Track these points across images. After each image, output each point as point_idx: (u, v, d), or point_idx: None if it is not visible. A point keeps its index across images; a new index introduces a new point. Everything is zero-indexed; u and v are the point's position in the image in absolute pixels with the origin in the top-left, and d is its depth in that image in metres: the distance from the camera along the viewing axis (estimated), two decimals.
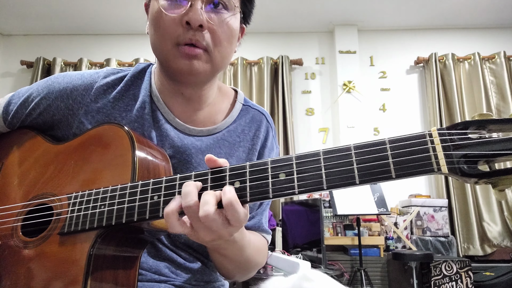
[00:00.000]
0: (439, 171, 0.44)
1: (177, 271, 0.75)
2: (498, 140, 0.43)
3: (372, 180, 0.47)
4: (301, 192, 0.49)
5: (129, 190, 0.58)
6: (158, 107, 0.77)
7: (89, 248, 0.57)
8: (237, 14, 0.72)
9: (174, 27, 0.67)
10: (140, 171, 0.62)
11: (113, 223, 0.58)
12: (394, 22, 3.96)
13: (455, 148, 0.44)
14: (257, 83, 3.89)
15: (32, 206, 0.68)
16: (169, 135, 0.75)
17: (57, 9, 3.70)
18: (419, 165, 0.45)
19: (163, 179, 0.57)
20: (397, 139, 0.47)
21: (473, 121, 0.45)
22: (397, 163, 0.46)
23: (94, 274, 0.57)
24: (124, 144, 0.64)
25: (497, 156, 0.42)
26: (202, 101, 0.79)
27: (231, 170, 0.54)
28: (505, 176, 0.42)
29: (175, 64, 0.69)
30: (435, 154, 0.44)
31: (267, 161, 0.52)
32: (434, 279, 2.69)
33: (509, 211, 3.45)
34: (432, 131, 0.46)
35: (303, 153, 0.51)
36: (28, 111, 0.77)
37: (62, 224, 0.62)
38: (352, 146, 0.49)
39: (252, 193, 0.52)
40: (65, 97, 0.75)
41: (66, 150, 0.71)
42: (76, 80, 0.77)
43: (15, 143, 0.79)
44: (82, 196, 0.62)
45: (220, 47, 0.70)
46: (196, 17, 0.66)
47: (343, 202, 2.75)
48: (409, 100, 3.90)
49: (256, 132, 0.82)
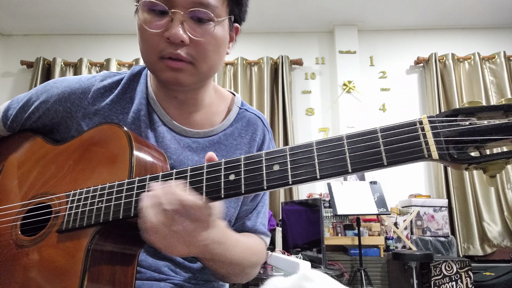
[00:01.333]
0: (430, 157, 0.45)
1: (177, 269, 0.75)
2: (487, 126, 0.43)
3: (364, 168, 0.47)
4: (294, 182, 0.50)
5: (126, 186, 0.59)
6: (154, 109, 0.78)
7: (86, 244, 0.58)
8: (223, 21, 0.70)
9: (157, 41, 0.67)
10: (137, 169, 0.62)
11: (110, 219, 0.58)
12: (394, 22, 3.96)
13: (445, 135, 0.45)
14: (257, 83, 3.89)
15: (31, 206, 0.69)
16: (166, 137, 0.76)
17: (57, 9, 3.70)
18: (410, 152, 0.46)
19: (160, 175, 0.58)
20: (388, 127, 0.48)
21: (463, 108, 0.46)
22: (388, 151, 0.47)
23: (91, 270, 0.57)
24: (122, 143, 0.65)
25: (486, 142, 0.43)
26: (198, 104, 0.80)
27: (226, 163, 0.54)
28: (494, 161, 0.43)
29: (161, 75, 0.70)
30: (425, 141, 0.45)
31: (262, 153, 0.53)
32: (434, 279, 2.69)
33: (509, 211, 3.45)
34: (422, 119, 0.47)
35: (297, 145, 0.52)
36: (28, 115, 0.78)
37: (60, 222, 0.62)
38: (344, 135, 0.50)
39: (247, 185, 0.52)
40: (63, 100, 0.76)
41: (65, 150, 0.72)
42: (74, 84, 0.78)
43: (15, 145, 0.80)
44: (80, 194, 0.62)
45: (206, 59, 0.69)
46: (176, 33, 0.65)
47: (343, 202, 2.75)
48: (409, 100, 3.90)
49: (252, 136, 0.83)
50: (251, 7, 0.79)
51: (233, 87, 3.89)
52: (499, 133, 0.43)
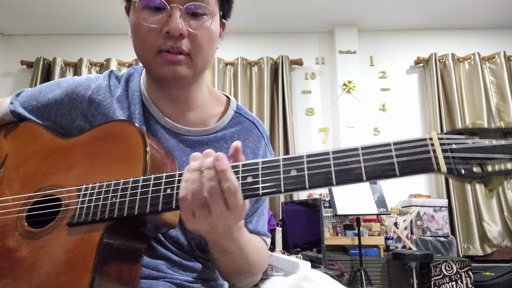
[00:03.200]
0: (439, 171, 0.49)
1: (174, 268, 0.75)
2: (491, 145, 0.49)
3: (378, 177, 0.52)
4: (311, 187, 0.53)
5: (141, 183, 0.60)
6: (148, 107, 0.80)
7: (99, 237, 0.58)
8: (216, 16, 0.74)
9: (155, 37, 0.69)
10: (151, 167, 0.63)
11: (124, 215, 0.59)
12: (394, 22, 3.96)
13: (452, 151, 0.50)
14: (257, 83, 3.89)
15: (38, 198, 0.68)
16: (157, 136, 0.78)
17: (57, 9, 3.70)
18: (421, 165, 0.50)
19: (176, 173, 0.59)
20: (401, 141, 0.52)
21: (467, 129, 0.52)
22: (401, 163, 0.51)
23: (102, 264, 0.57)
24: (136, 140, 0.65)
25: (489, 159, 0.49)
26: (191, 102, 0.80)
27: (243, 166, 0.57)
28: (495, 177, 0.49)
29: (158, 70, 0.72)
30: (435, 156, 0.50)
31: (279, 158, 0.56)
32: (434, 279, 2.69)
33: (509, 211, 3.45)
34: (432, 135, 0.52)
35: (314, 152, 0.55)
36: (36, 103, 0.82)
37: (71, 215, 0.62)
38: (359, 147, 0.54)
39: (264, 187, 0.55)
40: (69, 91, 0.81)
41: (74, 144, 0.72)
42: (80, 79, 0.84)
43: (19, 135, 0.80)
44: (93, 188, 0.63)
45: (201, 52, 0.72)
46: (176, 27, 0.67)
47: (343, 202, 2.75)
48: (409, 100, 3.90)
49: (245, 142, 0.82)
50: (251, 7, 0.80)
51: (233, 87, 3.89)
52: (500, 152, 0.48)
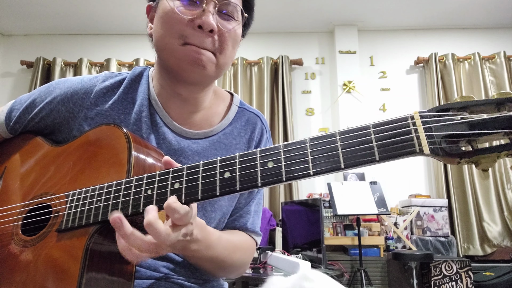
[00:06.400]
0: (421, 152, 0.45)
1: (176, 268, 0.76)
2: (479, 120, 0.44)
3: (357, 163, 0.48)
4: (288, 179, 0.50)
5: (124, 185, 0.59)
6: (156, 110, 0.79)
7: (85, 242, 0.58)
8: (241, 24, 0.76)
9: (184, 28, 0.69)
10: (135, 169, 0.63)
11: (108, 218, 0.58)
12: (394, 22, 3.97)
13: (436, 129, 0.45)
14: (257, 83, 3.89)
15: (32, 206, 0.69)
16: (167, 138, 0.77)
17: (57, 9, 3.70)
18: (401, 147, 0.46)
19: (157, 173, 0.58)
20: (380, 123, 0.48)
21: (455, 103, 0.46)
22: (380, 146, 0.47)
23: (90, 268, 0.58)
24: (121, 143, 0.65)
25: (478, 136, 0.44)
26: (198, 104, 0.81)
27: (221, 161, 0.55)
28: (486, 155, 0.43)
29: (185, 58, 0.70)
30: (417, 136, 0.45)
31: (256, 150, 0.54)
32: (434, 279, 2.69)
33: (509, 211, 3.45)
34: (414, 114, 0.47)
35: (291, 142, 0.52)
36: (31, 116, 0.79)
37: (60, 221, 0.63)
38: (337, 132, 0.50)
39: (242, 182, 0.53)
40: (66, 101, 0.77)
41: (65, 151, 0.72)
42: (76, 84, 0.79)
43: (17, 147, 0.81)
44: (80, 194, 0.63)
45: (225, 52, 0.73)
46: (209, 22, 0.68)
47: (343, 202, 2.75)
48: (409, 100, 3.90)
49: (251, 135, 0.84)
50: None
51: (233, 87, 3.89)
52: (491, 127, 0.43)
